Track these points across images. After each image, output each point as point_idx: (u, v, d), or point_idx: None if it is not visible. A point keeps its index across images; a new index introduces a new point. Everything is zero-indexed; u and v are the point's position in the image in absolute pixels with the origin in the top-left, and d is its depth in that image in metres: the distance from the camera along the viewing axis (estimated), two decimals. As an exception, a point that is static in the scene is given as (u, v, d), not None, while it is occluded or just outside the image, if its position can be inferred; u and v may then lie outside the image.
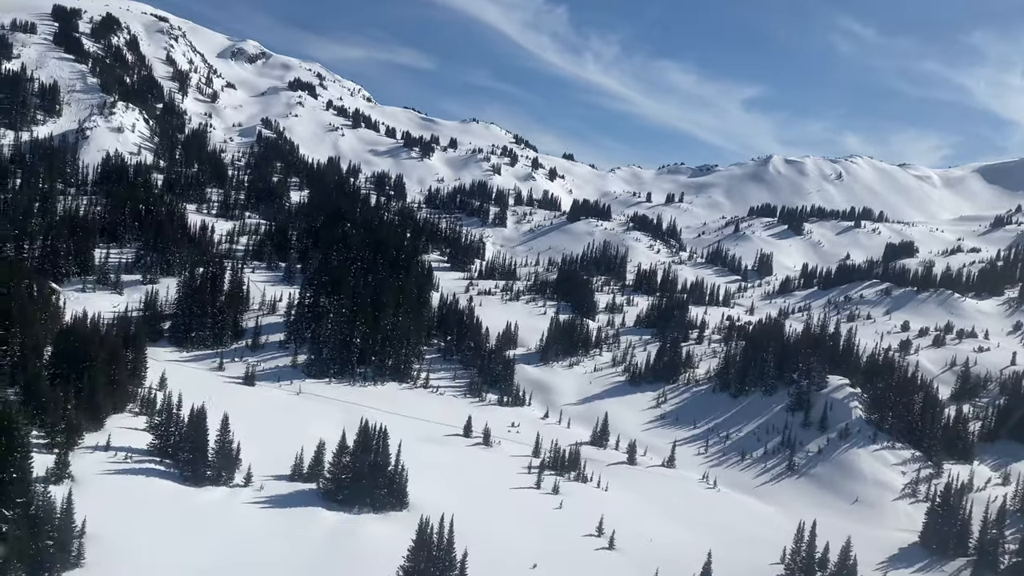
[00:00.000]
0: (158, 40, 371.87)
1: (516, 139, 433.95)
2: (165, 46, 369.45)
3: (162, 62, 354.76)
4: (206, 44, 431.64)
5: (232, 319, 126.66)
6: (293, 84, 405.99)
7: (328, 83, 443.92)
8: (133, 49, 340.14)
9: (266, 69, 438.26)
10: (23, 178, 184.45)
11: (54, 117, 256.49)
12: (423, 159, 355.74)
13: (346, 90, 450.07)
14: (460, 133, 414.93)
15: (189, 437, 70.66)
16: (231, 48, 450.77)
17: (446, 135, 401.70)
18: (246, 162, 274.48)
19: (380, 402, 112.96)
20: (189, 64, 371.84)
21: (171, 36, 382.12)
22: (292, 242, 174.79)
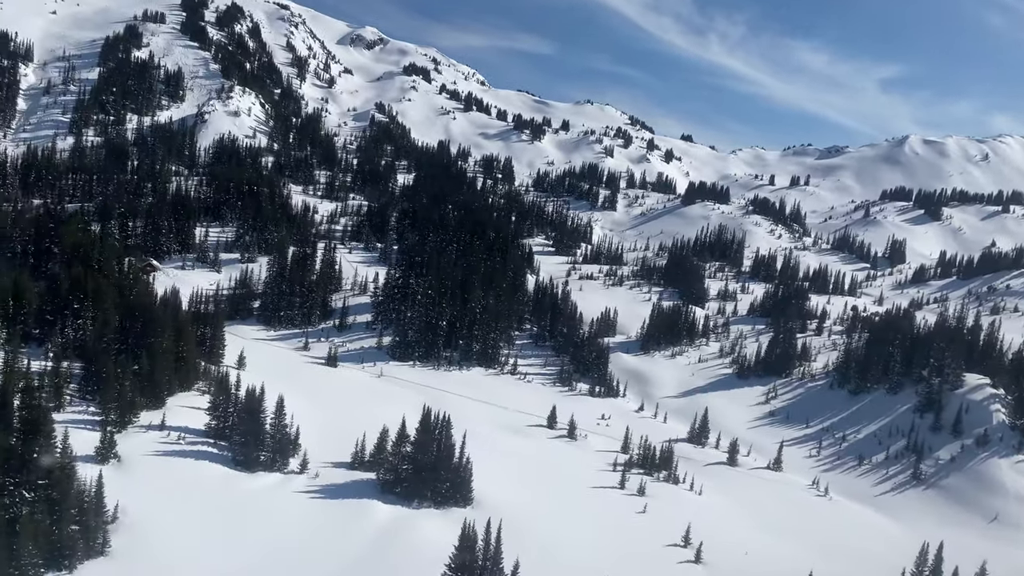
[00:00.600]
0: (279, 27, 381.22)
1: (631, 120, 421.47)
2: (285, 33, 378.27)
3: (282, 49, 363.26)
4: (326, 31, 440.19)
5: (321, 299, 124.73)
6: (408, 69, 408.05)
7: (443, 67, 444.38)
8: (255, 36, 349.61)
9: (383, 55, 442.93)
10: (139, 159, 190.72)
11: (177, 103, 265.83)
12: (533, 142, 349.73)
13: (460, 74, 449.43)
14: (573, 115, 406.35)
15: (244, 419, 67.08)
16: (350, 35, 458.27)
17: (558, 117, 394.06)
18: (357, 145, 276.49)
19: (462, 387, 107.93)
20: (308, 51, 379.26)
21: (291, 23, 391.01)
22: (391, 223, 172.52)
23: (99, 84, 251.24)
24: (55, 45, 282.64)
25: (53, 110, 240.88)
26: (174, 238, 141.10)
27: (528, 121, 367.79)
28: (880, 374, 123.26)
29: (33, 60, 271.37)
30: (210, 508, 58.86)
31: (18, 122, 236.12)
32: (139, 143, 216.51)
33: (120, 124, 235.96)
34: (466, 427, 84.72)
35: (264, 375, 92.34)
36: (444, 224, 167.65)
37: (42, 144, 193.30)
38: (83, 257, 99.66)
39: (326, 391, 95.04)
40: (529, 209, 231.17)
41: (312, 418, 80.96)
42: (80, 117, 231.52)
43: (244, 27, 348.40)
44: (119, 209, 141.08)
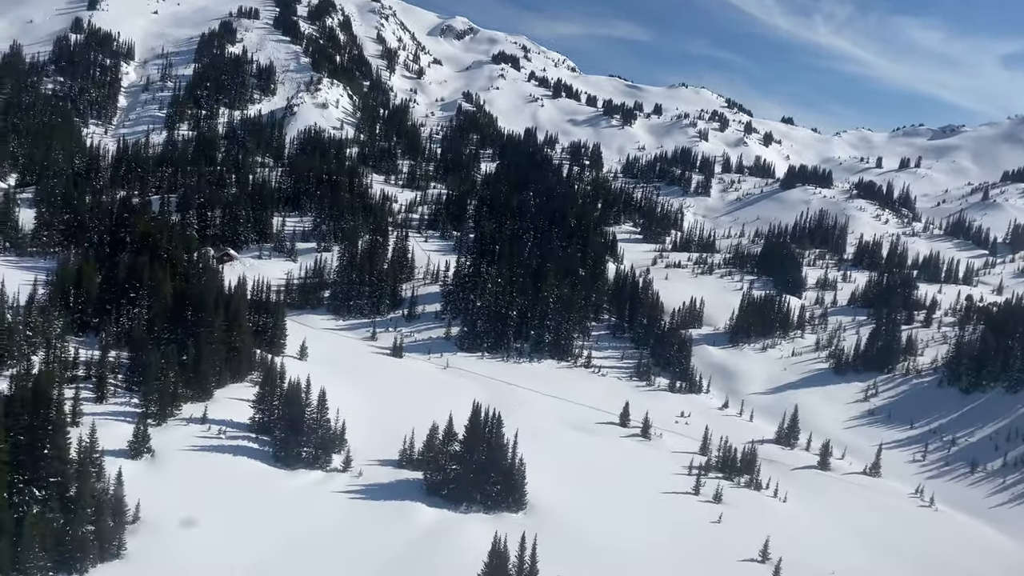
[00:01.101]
0: (369, 20, 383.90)
1: (728, 103, 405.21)
2: (376, 25, 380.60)
3: (372, 41, 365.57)
4: (416, 22, 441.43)
5: (391, 288, 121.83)
6: (497, 57, 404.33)
7: (532, 55, 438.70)
8: (346, 30, 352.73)
9: (473, 44, 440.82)
10: (226, 152, 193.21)
11: (269, 96, 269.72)
12: (623, 127, 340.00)
13: (550, 61, 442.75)
14: (666, 99, 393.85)
15: (285, 413, 63.83)
16: (440, 25, 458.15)
17: (650, 101, 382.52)
18: (443, 135, 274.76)
19: (531, 381, 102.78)
20: (398, 42, 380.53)
21: (381, 16, 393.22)
22: (469, 212, 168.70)
23: (193, 80, 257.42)
24: (155, 43, 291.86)
25: (151, 106, 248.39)
26: (252, 228, 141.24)
27: (619, 106, 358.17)
28: (998, 371, 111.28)
29: (134, 59, 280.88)
30: (240, 508, 55.73)
31: (119, 118, 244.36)
32: (229, 136, 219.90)
33: (213, 118, 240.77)
34: (530, 423, 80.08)
35: (325, 366, 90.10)
36: (522, 212, 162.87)
37: (138, 139, 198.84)
38: (151, 246, 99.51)
39: (386, 383, 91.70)
40: (617, 196, 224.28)
41: (366, 412, 77.70)
42: (175, 112, 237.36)
43: (335, 20, 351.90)
44: (199, 200, 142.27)
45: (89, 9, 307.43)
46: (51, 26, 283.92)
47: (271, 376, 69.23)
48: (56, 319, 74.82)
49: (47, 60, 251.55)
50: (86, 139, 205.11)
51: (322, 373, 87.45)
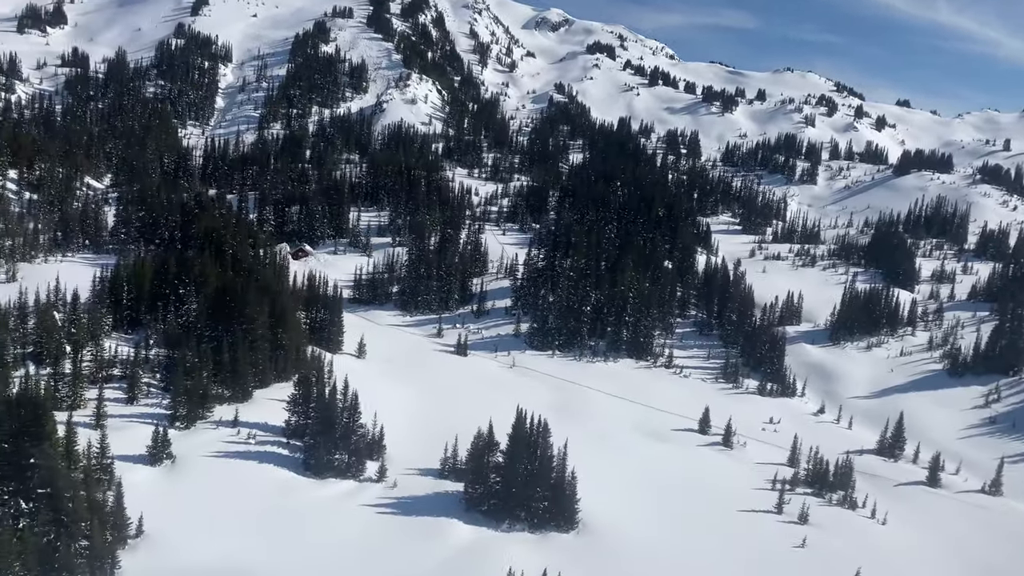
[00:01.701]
0: (462, 15, 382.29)
1: (837, 86, 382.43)
2: (469, 20, 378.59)
3: (465, 36, 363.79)
4: (510, 16, 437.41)
5: (460, 283, 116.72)
6: (592, 47, 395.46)
7: (629, 44, 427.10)
8: (438, 25, 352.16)
9: (568, 36, 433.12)
10: (312, 149, 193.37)
11: (360, 94, 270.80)
12: (724, 113, 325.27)
13: (647, 49, 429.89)
14: (770, 84, 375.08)
15: (318, 418, 59.33)
16: (535, 18, 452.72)
17: (753, 87, 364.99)
18: (533, 127, 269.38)
19: (604, 382, 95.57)
20: (491, 36, 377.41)
21: (475, 10, 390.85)
22: (550, 204, 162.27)
23: (287, 80, 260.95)
24: (252, 45, 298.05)
25: (246, 106, 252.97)
26: (328, 224, 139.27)
27: (719, 92, 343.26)
28: None
29: (232, 61, 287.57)
30: (257, 521, 51.46)
31: (215, 119, 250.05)
32: (318, 134, 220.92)
33: (305, 117, 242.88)
34: (595, 428, 73.84)
35: (383, 364, 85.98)
36: (606, 202, 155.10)
37: (232, 138, 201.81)
38: (215, 242, 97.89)
39: (446, 383, 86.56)
40: (714, 185, 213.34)
41: (417, 414, 72.87)
42: (268, 111, 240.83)
43: (428, 17, 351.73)
44: (275, 196, 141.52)
45: (192, 15, 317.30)
46: (157, 33, 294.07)
47: (307, 377, 64.73)
48: (104, 316, 73.10)
49: (149, 65, 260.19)
50: (183, 139, 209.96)
51: (378, 372, 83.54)
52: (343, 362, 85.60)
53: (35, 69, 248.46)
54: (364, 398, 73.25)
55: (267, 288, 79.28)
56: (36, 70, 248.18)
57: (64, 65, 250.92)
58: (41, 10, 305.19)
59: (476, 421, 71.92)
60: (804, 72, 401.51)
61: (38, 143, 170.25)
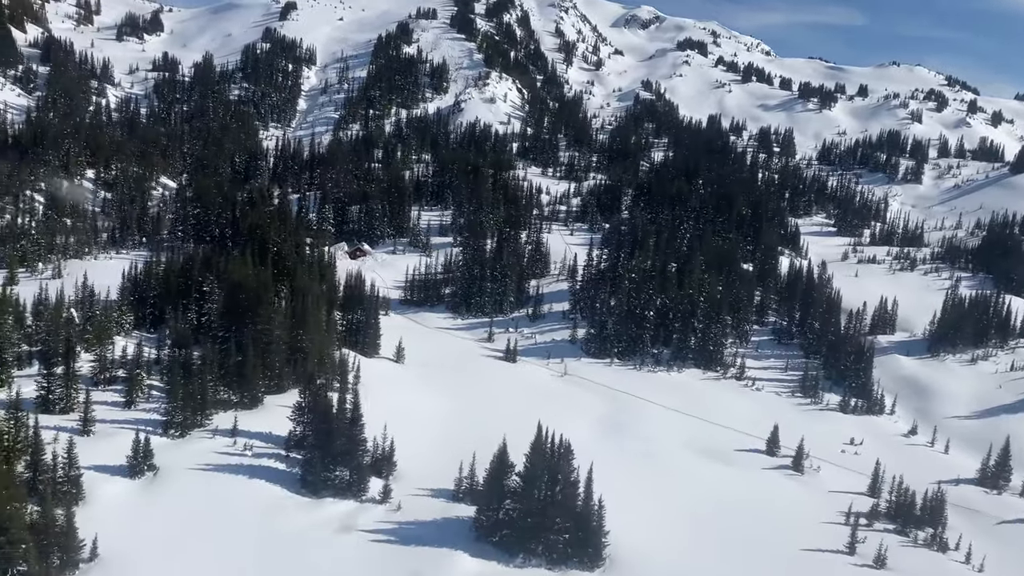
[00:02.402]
0: (549, 14, 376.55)
1: (949, 80, 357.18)
2: (555, 19, 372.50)
3: (551, 35, 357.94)
4: (600, 14, 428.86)
5: (516, 284, 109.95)
6: (682, 44, 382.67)
7: (722, 40, 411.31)
8: (523, 25, 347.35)
9: (658, 33, 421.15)
10: (384, 149, 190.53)
11: (440, 94, 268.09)
12: (821, 110, 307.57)
13: (742, 46, 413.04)
14: (873, 79, 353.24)
15: (317, 430, 53.67)
16: (624, 16, 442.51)
17: (854, 82, 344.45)
18: (616, 125, 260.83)
19: (665, 394, 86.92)
20: (577, 35, 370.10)
21: (562, 9, 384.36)
22: (624, 203, 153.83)
23: (367, 81, 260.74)
24: (336, 48, 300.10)
25: (327, 108, 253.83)
26: (388, 223, 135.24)
27: (816, 88, 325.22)
28: None
29: (315, 64, 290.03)
30: (234, 546, 46.10)
31: (297, 120, 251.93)
32: (395, 134, 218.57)
33: (384, 117, 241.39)
34: (643, 445, 66.06)
35: (422, 369, 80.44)
36: (684, 200, 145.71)
37: (311, 139, 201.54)
38: (260, 239, 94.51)
39: (487, 392, 80.00)
40: (808, 184, 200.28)
41: (446, 427, 66.68)
42: (348, 112, 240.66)
43: (513, 16, 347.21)
44: (337, 195, 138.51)
45: (281, 20, 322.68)
46: (246, 38, 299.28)
47: (313, 382, 59.08)
48: (124, 314, 69.82)
49: (234, 69, 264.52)
50: (263, 141, 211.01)
51: (414, 378, 77.96)
52: (376, 367, 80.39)
53: (127, 74, 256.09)
54: (391, 407, 68.01)
55: (292, 286, 74.45)
56: (128, 75, 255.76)
57: (154, 70, 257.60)
58: (139, 19, 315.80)
59: (513, 435, 65.30)
60: (912, 66, 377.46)
61: (116, 143, 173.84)
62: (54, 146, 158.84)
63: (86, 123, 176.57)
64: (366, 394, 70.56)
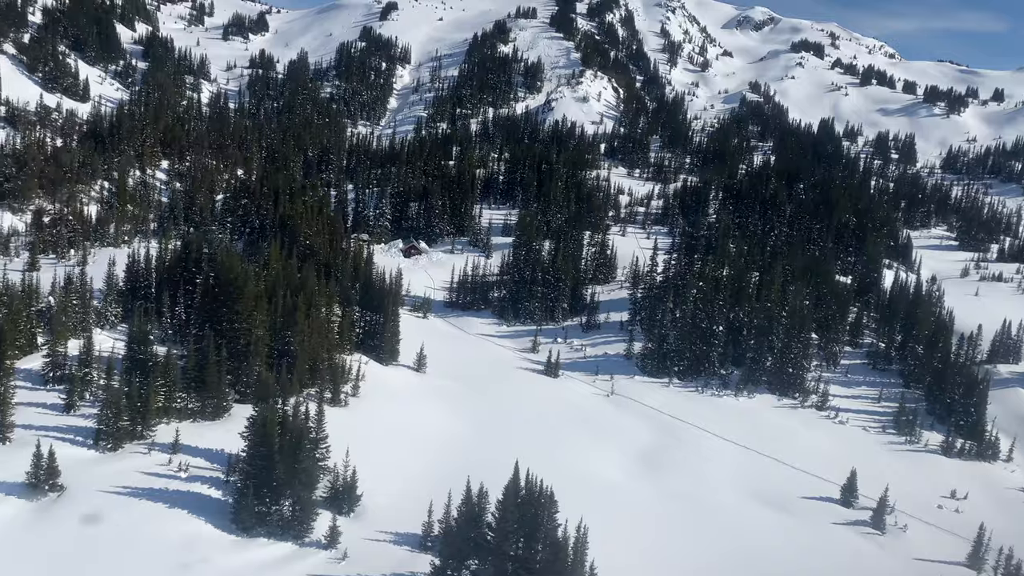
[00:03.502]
0: (654, 14, 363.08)
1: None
2: (661, 19, 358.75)
3: (655, 35, 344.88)
4: (710, 15, 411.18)
5: (571, 290, 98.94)
6: (797, 46, 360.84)
7: (841, 42, 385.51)
8: (627, 24, 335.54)
9: (772, 35, 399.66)
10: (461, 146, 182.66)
11: (534, 94, 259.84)
12: (949, 115, 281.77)
13: (863, 48, 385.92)
14: (1012, 83, 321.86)
15: (255, 453, 44.67)
16: (737, 17, 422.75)
17: (988, 87, 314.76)
18: (719, 127, 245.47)
19: (726, 422, 74.24)
20: (684, 35, 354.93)
21: (668, 9, 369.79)
22: (712, 207, 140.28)
23: (458, 80, 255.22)
24: (432, 47, 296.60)
25: (417, 106, 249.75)
26: (448, 220, 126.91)
27: (945, 92, 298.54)
28: None
29: (410, 63, 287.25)
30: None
31: (387, 119, 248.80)
32: (481, 133, 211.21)
33: (472, 116, 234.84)
34: (683, 484, 54.82)
35: (443, 381, 71.21)
36: (777, 205, 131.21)
37: (399, 136, 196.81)
38: (289, 232, 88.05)
39: (512, 411, 69.86)
40: (928, 194, 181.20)
41: (451, 452, 56.94)
42: (436, 111, 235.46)
43: (616, 16, 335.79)
44: (398, 190, 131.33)
45: (381, 20, 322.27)
46: (346, 37, 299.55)
47: (269, 393, 50.21)
48: (108, 306, 63.48)
49: (328, 67, 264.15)
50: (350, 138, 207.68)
51: (430, 391, 68.81)
52: (389, 376, 71.55)
53: (224, 71, 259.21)
54: (390, 424, 59.40)
55: (289, 282, 66.29)
56: (225, 71, 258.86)
57: (251, 67, 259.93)
58: (245, 19, 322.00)
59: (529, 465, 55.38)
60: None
61: (192, 136, 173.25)
62: (130, 137, 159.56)
63: (166, 116, 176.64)
64: (365, 408, 62.13)
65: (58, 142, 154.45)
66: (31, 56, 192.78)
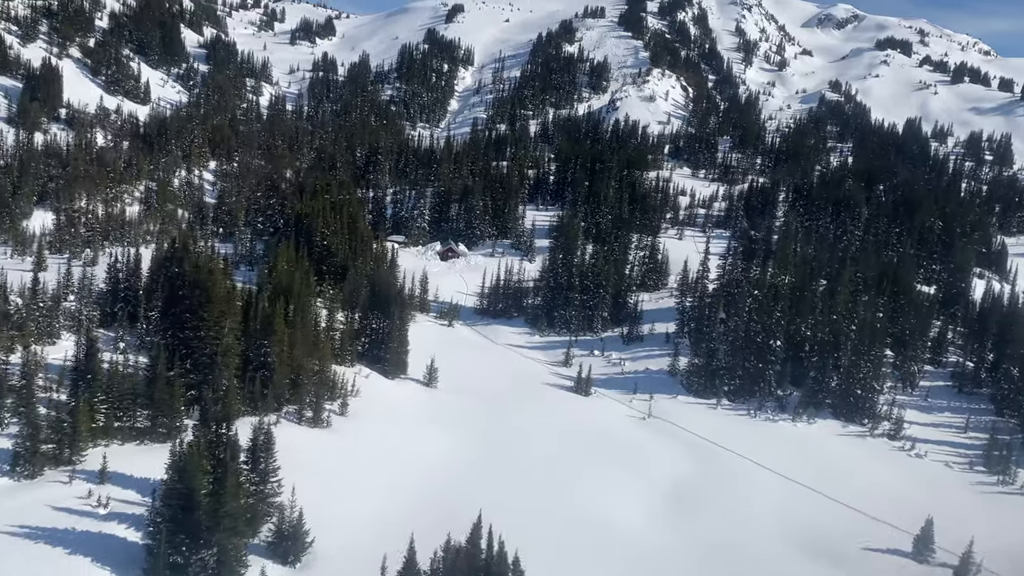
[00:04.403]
0: (729, 12, 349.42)
1: None
2: (736, 18, 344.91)
3: (729, 33, 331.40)
4: (789, 13, 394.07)
5: (613, 298, 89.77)
6: (882, 43, 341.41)
7: (931, 39, 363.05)
8: (699, 23, 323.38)
9: (855, 33, 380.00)
10: (515, 146, 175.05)
11: (599, 94, 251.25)
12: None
13: (955, 45, 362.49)
14: None
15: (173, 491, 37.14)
16: (818, 15, 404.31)
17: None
18: (795, 127, 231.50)
19: (783, 453, 63.90)
20: (760, 33, 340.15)
21: (744, 7, 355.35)
22: (780, 209, 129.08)
23: (520, 81, 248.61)
24: (496, 49, 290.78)
25: (477, 108, 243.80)
26: (490, 222, 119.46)
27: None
28: None
29: (472, 64, 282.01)
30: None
31: (447, 120, 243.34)
32: (541, 134, 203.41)
33: (534, 117, 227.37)
34: (727, 531, 45.80)
35: (454, 398, 63.82)
36: (852, 207, 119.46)
37: (450, 137, 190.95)
38: (305, 231, 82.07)
39: (529, 435, 61.49)
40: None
41: (437, 488, 49.45)
42: (496, 112, 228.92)
43: (689, 14, 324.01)
44: (439, 190, 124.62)
45: (446, 22, 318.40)
46: (411, 39, 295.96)
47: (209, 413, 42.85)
48: (83, 309, 57.95)
49: (389, 69, 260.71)
50: (409, 140, 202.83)
51: (436, 410, 61.33)
52: (391, 391, 64.21)
53: (287, 74, 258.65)
54: (374, 450, 51.56)
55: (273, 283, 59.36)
56: (287, 75, 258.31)
57: (313, 70, 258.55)
58: (313, 24, 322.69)
59: (532, 505, 47.44)
60: None
61: (241, 137, 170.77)
62: (178, 138, 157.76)
63: (215, 117, 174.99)
64: (351, 430, 54.90)
65: (108, 142, 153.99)
66: (95, 59, 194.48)
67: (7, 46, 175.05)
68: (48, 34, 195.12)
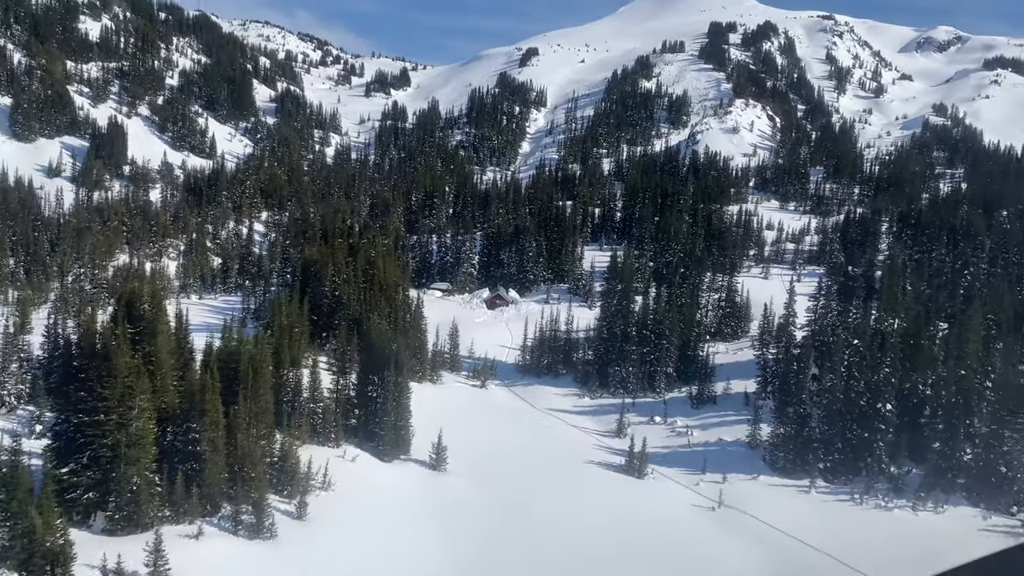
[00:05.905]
0: (819, 40, 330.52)
1: None
2: (826, 45, 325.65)
3: (820, 61, 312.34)
4: (884, 39, 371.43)
5: (678, 350, 74.58)
6: (991, 63, 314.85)
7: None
8: (786, 52, 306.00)
9: (958, 55, 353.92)
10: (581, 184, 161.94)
11: (678, 129, 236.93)
12: None
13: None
14: None
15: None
16: (916, 39, 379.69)
17: None
18: (896, 155, 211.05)
19: (902, 558, 47.57)
20: (853, 60, 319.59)
21: (835, 35, 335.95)
22: (883, 242, 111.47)
23: (594, 119, 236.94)
24: (570, 89, 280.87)
25: (550, 149, 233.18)
26: (544, 265, 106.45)
27: None
28: None
29: (545, 105, 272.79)
30: None
31: (517, 163, 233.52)
32: (615, 172, 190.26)
33: (609, 156, 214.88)
34: None
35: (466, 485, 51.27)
36: (972, 237, 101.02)
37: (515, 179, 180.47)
38: (314, 277, 71.26)
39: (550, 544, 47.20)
40: None
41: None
42: (568, 152, 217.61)
43: (775, 44, 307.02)
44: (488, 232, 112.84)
45: (520, 66, 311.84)
46: (486, 84, 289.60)
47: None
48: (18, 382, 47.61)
49: (460, 114, 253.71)
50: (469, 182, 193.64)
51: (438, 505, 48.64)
52: (381, 478, 51.28)
53: (357, 124, 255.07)
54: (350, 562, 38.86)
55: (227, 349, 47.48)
56: (357, 124, 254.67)
57: (383, 119, 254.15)
58: (387, 76, 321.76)
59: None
60: None
61: (295, 186, 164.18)
62: (229, 189, 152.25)
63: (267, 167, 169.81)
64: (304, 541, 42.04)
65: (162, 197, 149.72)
66: (162, 116, 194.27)
67: (77, 107, 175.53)
68: (118, 94, 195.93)
